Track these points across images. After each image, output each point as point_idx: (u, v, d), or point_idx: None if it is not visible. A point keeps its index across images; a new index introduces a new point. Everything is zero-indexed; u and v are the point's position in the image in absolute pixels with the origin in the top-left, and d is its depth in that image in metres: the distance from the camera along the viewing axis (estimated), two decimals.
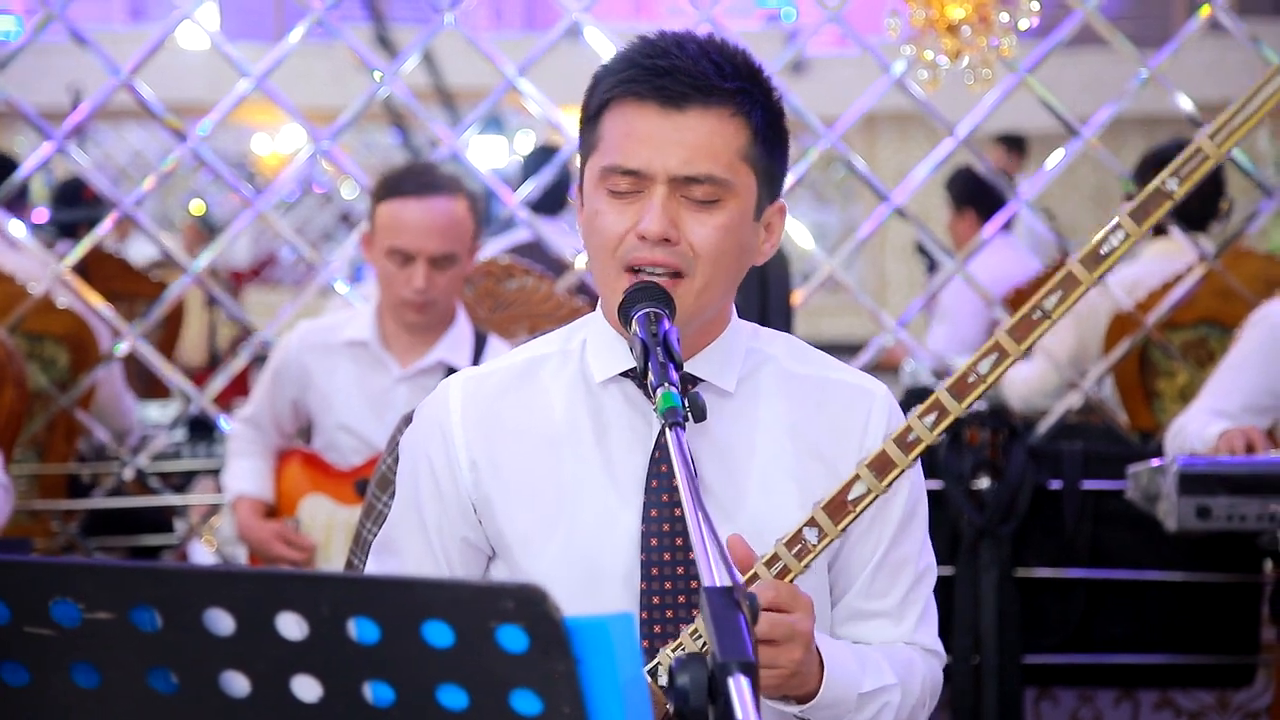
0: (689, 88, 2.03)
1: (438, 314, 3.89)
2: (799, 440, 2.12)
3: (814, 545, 2.00)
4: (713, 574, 1.60)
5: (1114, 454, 4.27)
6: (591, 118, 2.10)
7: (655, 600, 2.06)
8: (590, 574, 2.07)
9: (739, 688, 1.45)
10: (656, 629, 2.06)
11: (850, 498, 2.00)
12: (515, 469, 2.12)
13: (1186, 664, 4.27)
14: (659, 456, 2.08)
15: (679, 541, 2.06)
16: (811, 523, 2.00)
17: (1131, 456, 4.00)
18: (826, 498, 2.00)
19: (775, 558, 2.01)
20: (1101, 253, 1.94)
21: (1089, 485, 4.23)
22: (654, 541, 2.07)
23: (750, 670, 1.46)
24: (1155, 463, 3.57)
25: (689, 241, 2.04)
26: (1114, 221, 1.95)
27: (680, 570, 2.06)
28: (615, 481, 2.09)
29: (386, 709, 1.39)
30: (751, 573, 2.00)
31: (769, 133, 2.09)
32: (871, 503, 2.02)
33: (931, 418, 1.96)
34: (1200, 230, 5.29)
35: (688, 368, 2.09)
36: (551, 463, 2.11)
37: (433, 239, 3.78)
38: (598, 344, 2.14)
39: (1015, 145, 9.37)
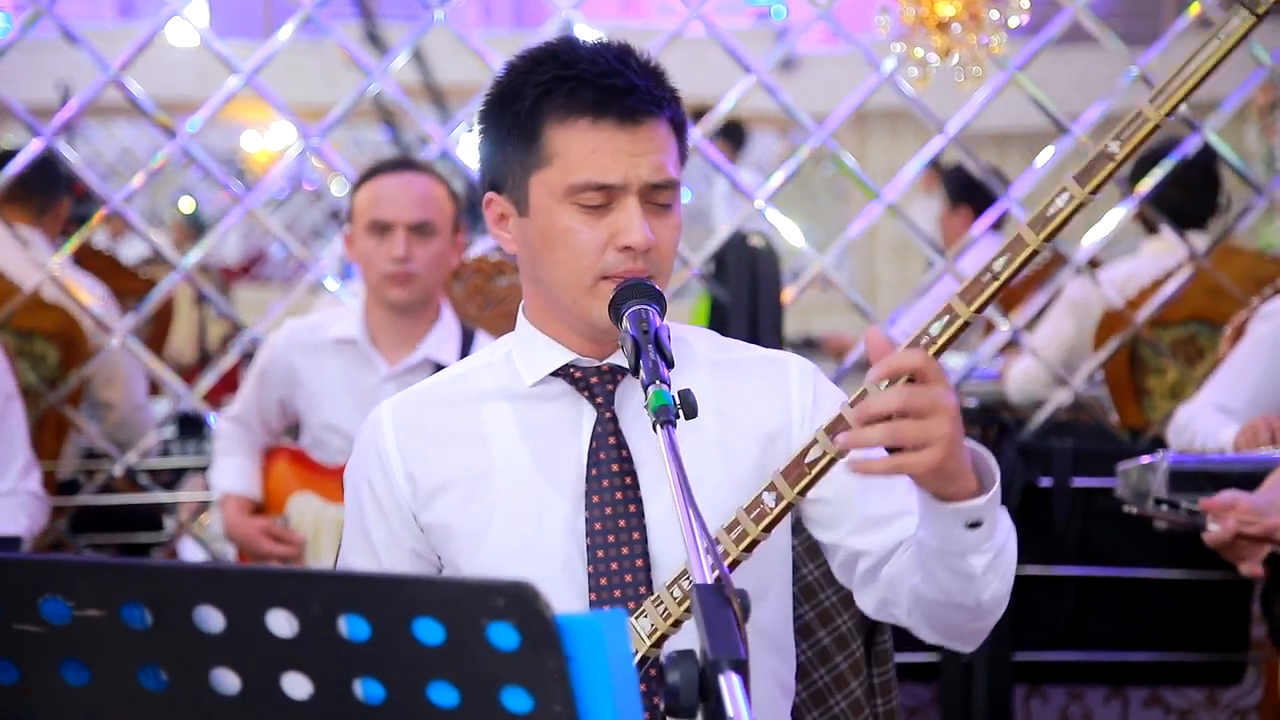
0: (645, 103, 2.13)
1: (420, 291, 3.90)
2: (728, 420, 2.19)
3: (772, 509, 2.01)
4: (703, 570, 1.60)
5: (1104, 451, 4.27)
6: (527, 128, 2.14)
7: (603, 581, 2.13)
8: (529, 562, 2.13)
9: (730, 685, 1.45)
10: (605, 609, 2.08)
11: (807, 461, 1.99)
12: (448, 471, 2.20)
13: (1176, 661, 4.28)
14: (596, 446, 2.16)
15: (621, 523, 2.13)
16: (770, 488, 2.01)
17: (1121, 454, 4.00)
18: (784, 463, 2.00)
19: (735, 523, 2.03)
20: (1048, 215, 1.96)
21: (1079, 483, 4.23)
22: (597, 525, 2.13)
23: (741, 667, 1.46)
24: (1145, 459, 3.57)
25: (655, 246, 2.13)
26: (1059, 185, 1.97)
27: (625, 550, 2.13)
28: (550, 473, 2.17)
29: (377, 706, 1.38)
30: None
31: (683, 133, 2.21)
32: (828, 466, 1.99)
33: (886, 381, 1.95)
34: (1200, 228, 5.29)
35: (617, 360, 2.18)
36: (482, 463, 2.19)
37: (410, 208, 3.86)
38: (525, 349, 2.23)
39: (733, 135, 8.86)
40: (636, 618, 2.05)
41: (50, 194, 5.17)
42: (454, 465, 2.19)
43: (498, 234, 2.23)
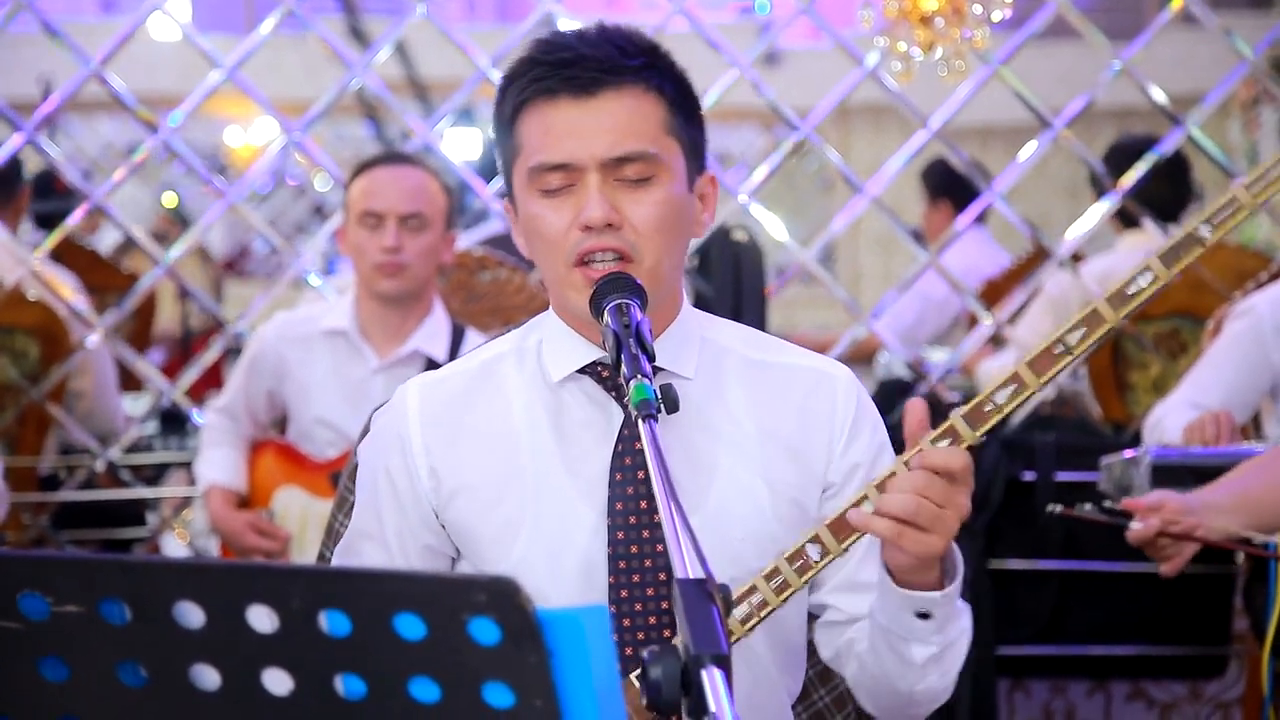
0: (596, 72, 2.05)
1: (410, 283, 3.90)
2: (764, 431, 2.11)
3: (816, 562, 1.98)
4: (685, 565, 1.60)
5: (1087, 445, 4.27)
6: (506, 125, 2.11)
7: (623, 594, 2.06)
8: (555, 571, 2.06)
9: (712, 680, 1.45)
10: (625, 622, 2.05)
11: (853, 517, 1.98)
12: (476, 471, 2.11)
13: (1159, 655, 4.28)
14: (621, 449, 2.07)
15: (645, 534, 2.05)
16: (815, 539, 1.98)
17: (1104, 448, 4.00)
18: (832, 515, 1.98)
19: (775, 571, 1.99)
20: (1128, 293, 1.94)
21: (1062, 477, 4.23)
22: (620, 535, 2.06)
23: (723, 663, 1.46)
24: (1128, 454, 3.58)
25: (631, 224, 2.04)
26: (1143, 263, 1.94)
27: (648, 563, 2.05)
28: (577, 477, 2.08)
29: (358, 702, 1.38)
30: (750, 586, 1.99)
31: (683, 102, 2.11)
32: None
33: (944, 444, 1.95)
34: (1172, 221, 5.31)
35: None
36: (512, 462, 2.10)
37: (402, 199, 3.88)
38: (554, 342, 2.14)
39: None
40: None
41: (11, 185, 5.15)
42: (481, 465, 2.10)
43: (516, 239, 2.17)
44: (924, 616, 1.99)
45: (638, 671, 1.99)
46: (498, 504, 2.09)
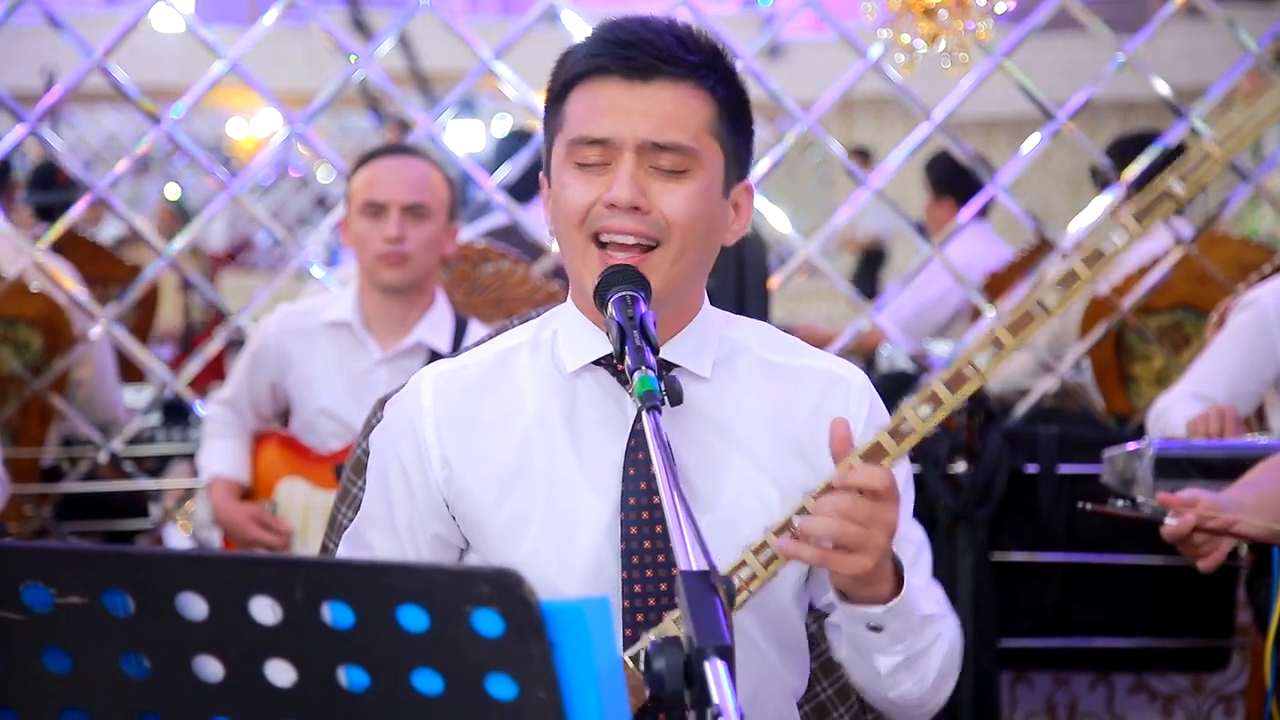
0: (654, 59, 2.04)
1: (413, 273, 3.90)
2: (777, 432, 2.11)
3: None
4: (689, 557, 1.60)
5: (1090, 438, 4.27)
6: (557, 98, 2.10)
7: (637, 589, 2.05)
8: (565, 565, 2.06)
9: (715, 671, 1.45)
10: (639, 617, 2.05)
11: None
12: (489, 462, 2.10)
13: (1162, 647, 4.28)
14: (635, 444, 2.07)
15: (659, 529, 2.04)
16: (802, 510, 1.98)
17: (1107, 440, 4.00)
18: (818, 486, 1.97)
19: (764, 545, 1.99)
20: (1103, 251, 1.94)
21: (1065, 469, 4.23)
22: (633, 530, 2.05)
23: (726, 654, 1.46)
24: (1131, 446, 3.57)
25: (660, 210, 2.03)
26: (1117, 221, 1.95)
27: (661, 558, 2.05)
28: (590, 471, 2.08)
29: (361, 693, 1.38)
30: (739, 561, 2.00)
31: (734, 110, 2.10)
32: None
33: (926, 409, 1.96)
34: (1176, 214, 5.30)
35: (662, 353, 2.08)
36: (525, 455, 2.10)
37: (405, 190, 3.88)
38: (569, 334, 2.13)
39: None
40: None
41: (6, 177, 5.16)
42: (493, 457, 2.10)
43: (546, 215, 2.15)
44: (875, 629, 2.00)
45: (634, 650, 2.01)
46: (509, 497, 2.09)
